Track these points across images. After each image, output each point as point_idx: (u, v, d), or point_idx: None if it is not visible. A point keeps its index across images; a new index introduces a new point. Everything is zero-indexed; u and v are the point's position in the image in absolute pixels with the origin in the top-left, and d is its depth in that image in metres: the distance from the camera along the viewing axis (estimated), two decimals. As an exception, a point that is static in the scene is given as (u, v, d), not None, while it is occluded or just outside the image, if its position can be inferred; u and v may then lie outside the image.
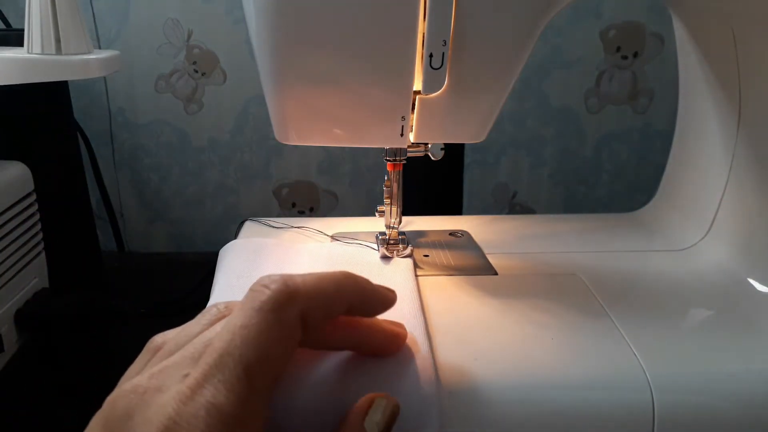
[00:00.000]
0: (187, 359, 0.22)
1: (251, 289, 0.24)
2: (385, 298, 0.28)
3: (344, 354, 0.29)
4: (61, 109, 0.64)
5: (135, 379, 0.22)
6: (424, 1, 0.32)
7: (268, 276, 0.24)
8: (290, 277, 0.24)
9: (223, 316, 0.25)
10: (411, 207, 0.49)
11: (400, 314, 0.35)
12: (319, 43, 0.32)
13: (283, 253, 0.44)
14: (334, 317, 0.26)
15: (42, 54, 0.49)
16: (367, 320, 0.28)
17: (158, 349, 0.25)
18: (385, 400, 0.26)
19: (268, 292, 0.23)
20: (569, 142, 0.86)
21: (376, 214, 0.45)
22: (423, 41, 0.33)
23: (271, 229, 0.50)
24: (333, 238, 0.48)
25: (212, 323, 0.25)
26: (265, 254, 0.43)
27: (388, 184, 0.43)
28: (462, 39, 0.33)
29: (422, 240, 0.49)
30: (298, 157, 0.85)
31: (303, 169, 0.86)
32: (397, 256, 0.43)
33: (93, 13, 0.77)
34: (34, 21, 0.49)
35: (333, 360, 0.29)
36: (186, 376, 0.21)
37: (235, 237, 0.49)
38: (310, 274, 0.25)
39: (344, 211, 0.88)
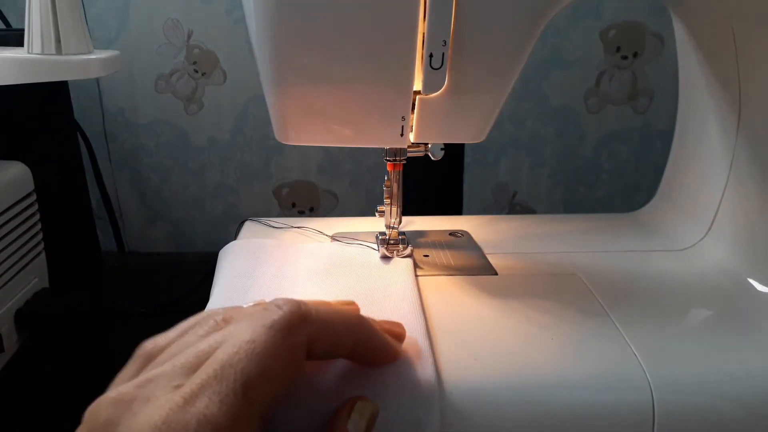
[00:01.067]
0: (177, 369, 0.22)
1: (264, 308, 0.24)
2: (391, 352, 0.28)
3: None
4: (61, 109, 0.64)
5: (120, 388, 0.21)
6: (424, 1, 0.32)
7: (283, 297, 0.24)
8: (304, 302, 0.24)
9: (220, 328, 0.25)
10: (411, 207, 0.49)
11: (400, 314, 0.35)
12: (319, 43, 0.32)
13: (282, 254, 0.44)
14: (335, 354, 0.26)
15: (42, 54, 0.49)
16: (366, 329, 0.28)
17: (149, 355, 0.24)
18: (363, 403, 0.26)
19: (280, 312, 0.23)
20: (569, 142, 0.86)
21: (376, 214, 0.45)
22: (423, 41, 0.33)
23: (271, 229, 0.50)
24: (333, 238, 0.48)
25: (208, 335, 0.24)
26: (264, 255, 0.43)
27: (388, 184, 0.43)
28: (462, 39, 0.33)
29: (422, 240, 0.49)
30: (298, 157, 0.85)
31: (303, 169, 0.86)
32: (397, 256, 0.43)
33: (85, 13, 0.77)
34: (34, 21, 0.49)
35: (332, 360, 0.29)
36: (177, 386, 0.21)
37: (235, 237, 0.49)
38: (325, 306, 0.25)
39: (344, 211, 0.88)
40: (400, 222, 0.44)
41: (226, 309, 0.26)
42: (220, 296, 0.38)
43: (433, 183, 0.70)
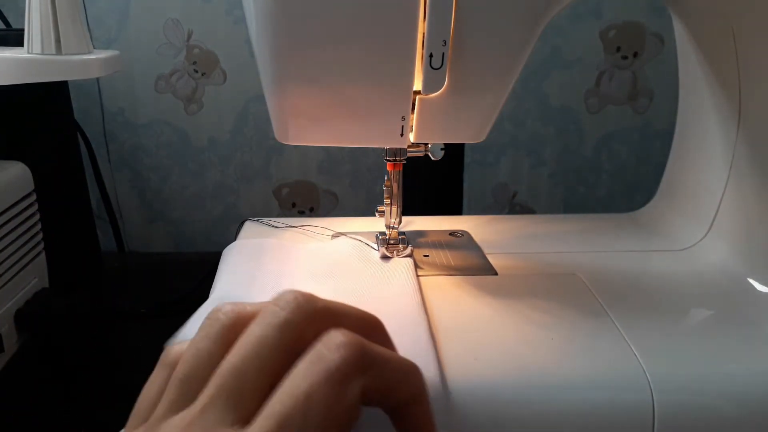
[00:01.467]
0: (223, 400, 0.21)
1: (323, 344, 0.22)
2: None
3: None
4: (61, 109, 0.64)
5: (170, 427, 0.21)
6: (424, 1, 0.32)
7: (343, 332, 0.22)
8: (369, 344, 0.22)
9: (233, 325, 0.23)
10: (411, 207, 0.49)
11: (401, 314, 0.35)
12: (319, 43, 0.32)
13: (283, 254, 0.44)
14: (382, 406, 0.24)
15: (42, 54, 0.49)
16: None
17: (173, 363, 0.23)
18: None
19: (339, 355, 0.21)
20: (569, 142, 0.86)
21: (376, 214, 0.45)
22: (423, 41, 0.33)
23: (272, 229, 0.50)
24: (334, 236, 0.48)
25: (223, 338, 0.23)
26: (265, 254, 0.43)
27: (388, 184, 0.43)
28: (462, 39, 0.33)
29: (422, 240, 0.49)
30: (298, 157, 0.85)
31: (303, 169, 0.86)
32: (397, 256, 0.43)
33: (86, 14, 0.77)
34: (34, 21, 0.49)
35: None
36: (232, 424, 0.20)
37: (235, 237, 0.49)
38: (387, 351, 0.23)
39: (344, 211, 0.88)
40: (400, 222, 0.44)
41: (234, 306, 0.25)
42: (219, 296, 0.38)
43: (433, 183, 0.70)
